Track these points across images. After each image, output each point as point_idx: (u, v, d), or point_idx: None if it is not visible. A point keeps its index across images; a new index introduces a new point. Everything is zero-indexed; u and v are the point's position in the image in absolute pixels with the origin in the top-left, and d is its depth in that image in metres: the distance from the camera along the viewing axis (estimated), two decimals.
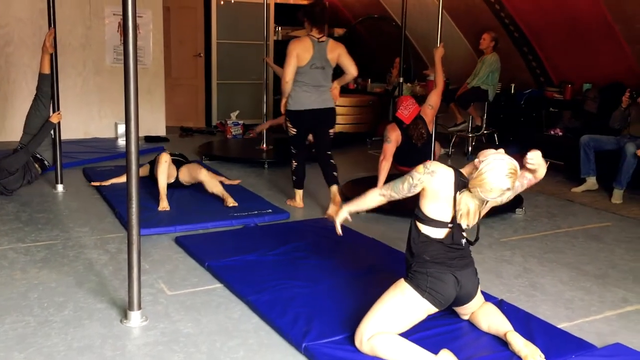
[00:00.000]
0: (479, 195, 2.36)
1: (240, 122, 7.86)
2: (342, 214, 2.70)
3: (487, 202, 2.43)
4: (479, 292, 2.58)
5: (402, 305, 2.40)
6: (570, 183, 5.61)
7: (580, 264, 3.64)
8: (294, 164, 4.69)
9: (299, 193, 4.75)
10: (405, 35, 6.89)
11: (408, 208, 4.66)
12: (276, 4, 9.31)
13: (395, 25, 8.19)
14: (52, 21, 4.78)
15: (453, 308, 2.63)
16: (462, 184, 2.42)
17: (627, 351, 2.48)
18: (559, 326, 2.71)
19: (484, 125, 7.28)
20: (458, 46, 7.41)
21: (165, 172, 4.59)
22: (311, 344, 2.43)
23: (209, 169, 5.55)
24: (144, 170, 4.87)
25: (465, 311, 2.63)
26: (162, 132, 7.94)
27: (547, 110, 6.83)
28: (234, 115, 7.92)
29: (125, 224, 2.77)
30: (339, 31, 9.77)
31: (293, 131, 4.61)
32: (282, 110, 4.65)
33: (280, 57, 9.42)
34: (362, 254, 3.66)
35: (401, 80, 6.88)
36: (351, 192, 4.98)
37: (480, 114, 7.30)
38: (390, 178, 4.85)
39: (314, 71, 4.46)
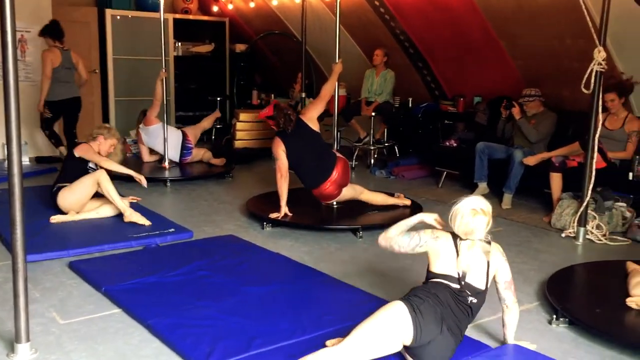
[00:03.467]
0: (463, 235, 2.49)
1: None
2: None
3: (490, 261, 2.55)
4: None
5: (385, 319, 2.32)
6: (465, 190, 5.86)
7: None
8: (47, 132, 6.69)
9: (61, 149, 6.70)
10: (306, 51, 7.01)
11: (317, 219, 4.67)
12: (175, 20, 9.14)
13: (296, 41, 8.28)
14: None
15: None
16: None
17: (520, 350, 2.62)
18: None
19: (385, 138, 7.52)
20: (357, 61, 7.61)
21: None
22: None
23: None
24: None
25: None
26: (56, 152, 7.51)
27: (443, 122, 7.14)
28: (133, 133, 7.65)
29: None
30: (240, 47, 9.71)
31: (49, 115, 6.55)
32: (40, 107, 6.44)
33: (181, 74, 9.31)
34: (268, 270, 3.63)
35: (304, 95, 6.98)
36: (256, 207, 4.96)
37: (383, 127, 7.55)
38: (293, 194, 4.87)
39: (65, 71, 6.50)
